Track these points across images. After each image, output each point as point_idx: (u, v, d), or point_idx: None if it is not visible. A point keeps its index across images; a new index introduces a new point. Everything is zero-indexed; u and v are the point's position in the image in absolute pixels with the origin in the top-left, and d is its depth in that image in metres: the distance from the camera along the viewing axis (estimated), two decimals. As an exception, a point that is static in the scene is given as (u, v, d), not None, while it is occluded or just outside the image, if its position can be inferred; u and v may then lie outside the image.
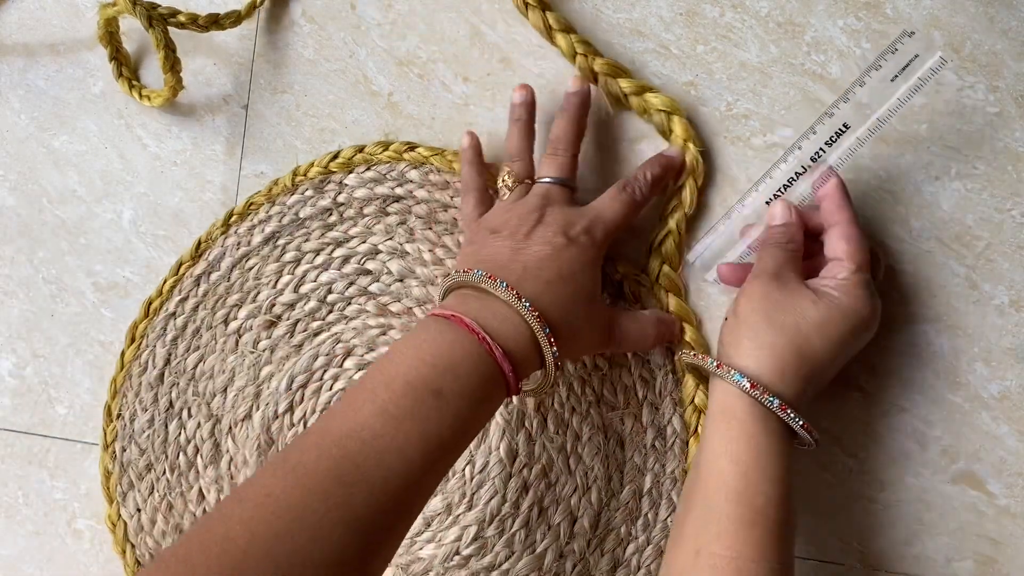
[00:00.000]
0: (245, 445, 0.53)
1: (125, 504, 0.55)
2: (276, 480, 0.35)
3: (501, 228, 0.45)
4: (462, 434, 0.39)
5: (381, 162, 0.53)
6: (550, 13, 0.50)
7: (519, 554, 0.49)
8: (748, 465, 0.40)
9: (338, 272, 0.53)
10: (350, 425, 0.36)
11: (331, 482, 0.34)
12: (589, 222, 0.45)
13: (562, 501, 0.49)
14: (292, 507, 0.34)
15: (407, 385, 0.37)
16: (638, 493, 0.49)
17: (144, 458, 0.54)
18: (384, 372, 0.38)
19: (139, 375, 0.55)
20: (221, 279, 0.55)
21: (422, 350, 0.39)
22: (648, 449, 0.49)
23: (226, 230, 0.55)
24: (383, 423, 0.36)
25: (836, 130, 0.46)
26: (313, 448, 0.36)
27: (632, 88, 0.49)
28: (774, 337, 0.42)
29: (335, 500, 0.34)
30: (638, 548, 0.49)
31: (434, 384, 0.38)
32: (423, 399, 0.37)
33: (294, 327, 0.53)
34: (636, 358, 0.50)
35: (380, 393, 0.37)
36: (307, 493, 0.34)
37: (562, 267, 0.43)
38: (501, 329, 0.40)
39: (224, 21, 0.53)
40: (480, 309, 0.41)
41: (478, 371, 0.39)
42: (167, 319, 0.55)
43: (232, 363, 0.54)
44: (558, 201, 0.46)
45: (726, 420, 0.41)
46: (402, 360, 0.39)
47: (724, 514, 0.39)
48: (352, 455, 0.35)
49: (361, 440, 0.36)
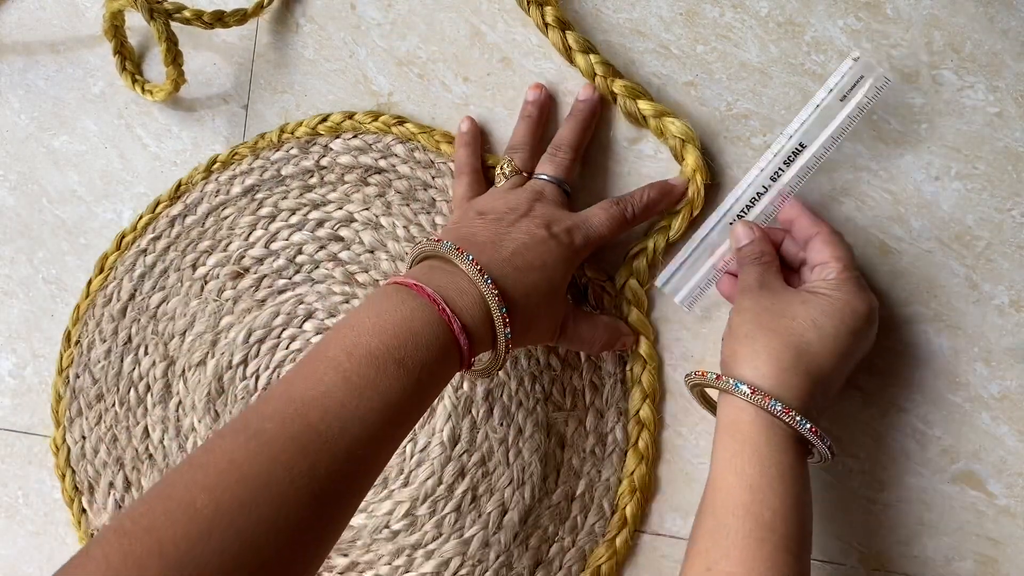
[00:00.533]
0: (195, 390, 0.54)
1: (71, 430, 0.55)
2: (238, 447, 0.34)
3: (488, 212, 0.45)
4: (420, 403, 0.39)
5: (369, 132, 0.54)
6: (570, 33, 0.50)
7: (447, 536, 0.50)
8: (754, 479, 0.39)
9: (311, 234, 0.54)
10: (312, 393, 0.36)
11: (294, 451, 0.34)
12: (573, 224, 0.45)
13: (496, 491, 0.50)
14: (257, 475, 0.33)
15: (369, 354, 0.37)
16: (570, 496, 0.50)
17: (96, 388, 0.55)
18: (346, 339, 0.38)
19: (103, 306, 0.56)
20: (195, 224, 0.55)
21: (383, 319, 0.38)
22: (587, 454, 0.50)
23: (207, 176, 0.55)
24: (346, 392, 0.36)
25: (793, 149, 0.47)
26: (276, 415, 0.35)
27: (652, 111, 0.49)
28: (768, 341, 0.42)
29: (299, 470, 0.34)
30: (562, 549, 0.50)
31: (397, 354, 0.38)
32: (385, 368, 0.37)
33: (260, 281, 0.54)
34: (589, 363, 0.50)
35: (343, 361, 0.37)
36: (271, 462, 0.34)
37: (534, 257, 0.43)
38: (460, 302, 0.40)
39: (229, 19, 0.53)
40: (443, 281, 0.41)
41: (438, 341, 0.39)
42: (138, 255, 0.55)
43: (194, 308, 0.54)
44: (550, 199, 0.47)
45: (731, 435, 0.41)
46: (364, 328, 0.38)
47: (733, 530, 0.38)
48: (315, 424, 0.35)
49: (324, 409, 0.36)
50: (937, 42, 0.49)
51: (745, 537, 0.38)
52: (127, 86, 0.55)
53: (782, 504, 0.39)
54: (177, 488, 0.33)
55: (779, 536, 0.38)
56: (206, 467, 0.34)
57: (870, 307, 0.43)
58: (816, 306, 0.42)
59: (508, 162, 0.49)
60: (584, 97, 0.50)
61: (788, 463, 0.40)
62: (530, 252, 0.43)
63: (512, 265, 0.42)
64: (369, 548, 0.51)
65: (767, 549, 0.38)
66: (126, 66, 0.55)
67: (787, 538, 0.38)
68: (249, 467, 0.33)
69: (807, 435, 0.40)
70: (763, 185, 0.48)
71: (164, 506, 0.32)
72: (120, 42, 0.55)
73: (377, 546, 0.51)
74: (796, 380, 0.41)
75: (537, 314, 0.43)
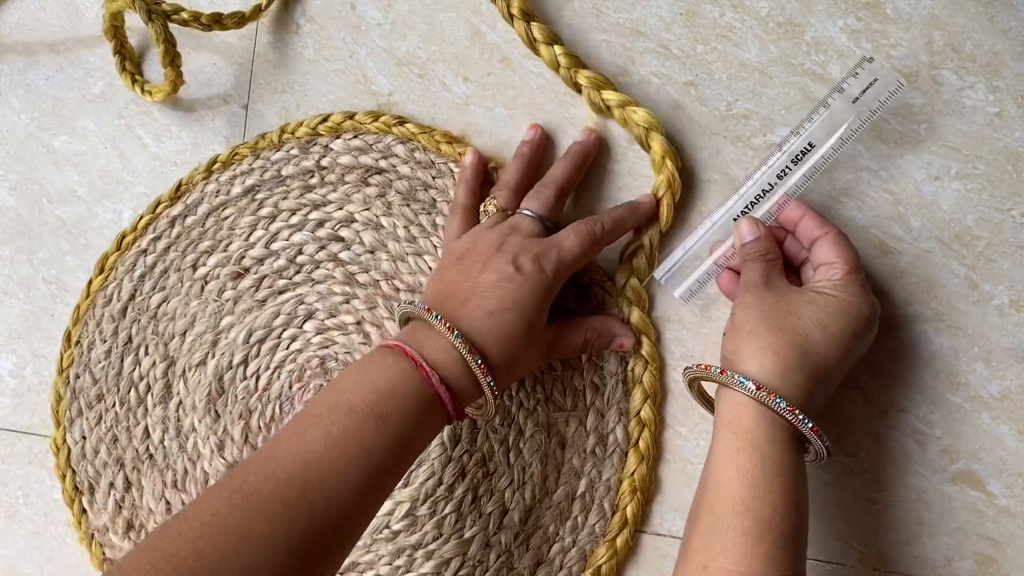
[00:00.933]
0: (196, 391, 0.54)
1: (71, 430, 0.55)
2: (222, 501, 0.36)
3: (465, 255, 0.46)
4: (402, 457, 0.40)
5: (369, 132, 0.54)
6: (535, 24, 0.50)
7: (447, 537, 0.50)
8: (754, 476, 0.39)
9: (311, 235, 0.54)
10: (295, 448, 0.38)
11: (275, 503, 0.36)
12: (542, 250, 0.45)
13: (496, 492, 0.50)
14: (238, 526, 0.35)
15: (350, 410, 0.39)
16: (571, 496, 0.50)
17: (96, 388, 0.55)
18: (329, 397, 0.40)
19: (103, 306, 0.56)
20: (196, 224, 0.55)
21: (364, 376, 0.40)
22: (587, 454, 0.50)
23: (208, 176, 0.55)
24: (325, 445, 0.38)
25: (802, 148, 0.47)
26: (259, 470, 0.37)
27: (616, 101, 0.49)
28: (774, 338, 0.42)
29: (279, 522, 0.35)
30: (563, 549, 0.50)
31: (377, 408, 0.39)
32: (365, 422, 0.39)
33: (260, 282, 0.54)
34: (590, 363, 0.51)
35: (324, 416, 0.39)
36: (252, 514, 0.35)
37: (505, 297, 0.43)
38: (439, 358, 0.41)
39: (227, 21, 0.53)
40: (424, 340, 0.42)
41: (417, 396, 0.40)
42: (138, 255, 0.55)
43: (194, 308, 0.54)
44: (524, 231, 0.46)
45: (732, 431, 0.41)
46: (346, 386, 0.40)
47: (731, 527, 0.38)
48: (295, 477, 0.37)
49: (304, 463, 0.37)
50: (937, 42, 0.49)
51: (743, 534, 0.38)
52: (127, 86, 0.55)
53: (781, 501, 0.39)
54: (163, 540, 0.35)
55: (777, 533, 0.38)
56: (191, 519, 0.35)
57: (873, 310, 0.44)
58: (822, 306, 0.42)
59: (491, 200, 0.49)
60: (581, 139, 0.50)
61: (789, 461, 0.40)
62: (499, 293, 0.43)
63: (484, 311, 0.43)
64: (369, 548, 0.51)
65: (765, 546, 0.38)
66: (126, 66, 0.55)
67: (785, 535, 0.38)
68: (230, 519, 0.35)
69: (807, 433, 0.40)
70: (768, 183, 0.47)
71: (150, 556, 0.34)
72: (120, 42, 0.55)
73: (377, 546, 0.51)
74: (800, 379, 0.41)
75: (517, 352, 0.44)
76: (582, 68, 0.50)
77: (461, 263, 0.45)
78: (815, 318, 0.42)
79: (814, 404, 0.42)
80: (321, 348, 0.53)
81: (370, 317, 0.53)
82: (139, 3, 0.50)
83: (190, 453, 0.54)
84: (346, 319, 0.53)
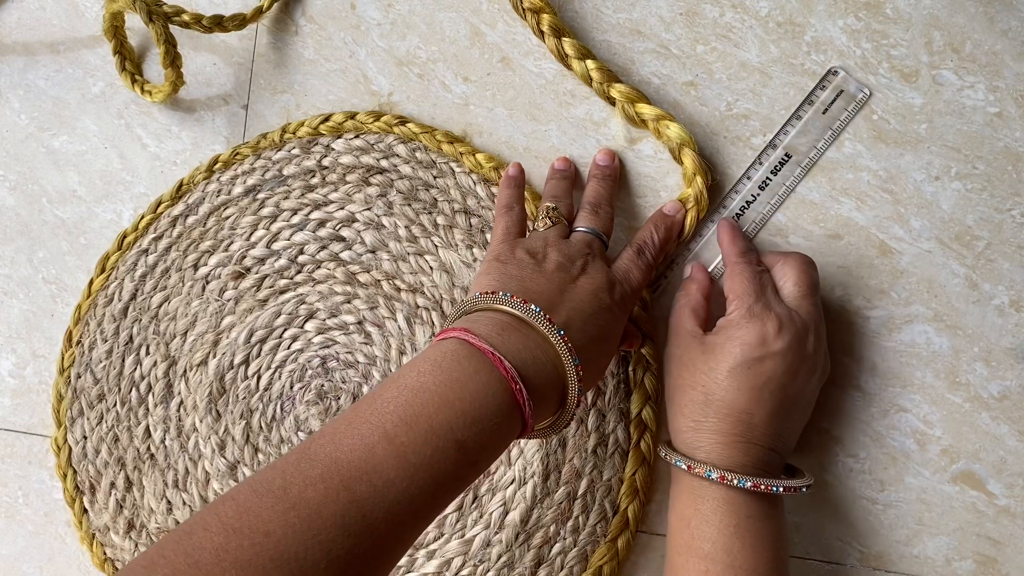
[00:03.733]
0: (197, 390, 0.54)
1: (72, 430, 0.55)
2: (275, 517, 0.31)
3: (542, 257, 0.44)
4: (470, 480, 0.37)
5: (370, 132, 0.54)
6: (567, 40, 0.50)
7: (448, 536, 0.50)
8: (691, 516, 0.42)
9: (312, 234, 0.54)
10: (361, 466, 0.33)
11: (336, 530, 0.31)
12: (625, 288, 0.45)
13: (497, 491, 0.50)
14: (294, 556, 0.30)
15: (429, 431, 0.34)
16: (572, 496, 0.50)
17: (97, 387, 0.55)
18: (405, 405, 0.35)
19: (104, 306, 0.55)
20: (197, 223, 0.55)
21: (452, 391, 0.35)
22: (589, 455, 0.50)
23: (209, 176, 0.55)
24: (398, 470, 0.33)
25: (780, 159, 0.49)
26: (319, 483, 0.32)
27: (651, 115, 0.49)
28: (703, 415, 0.43)
29: (338, 552, 0.31)
30: (564, 549, 0.50)
31: (459, 434, 0.35)
32: (444, 450, 0.34)
33: (261, 281, 0.54)
34: None
35: (399, 434, 0.34)
36: (310, 541, 0.31)
37: (604, 326, 0.42)
38: (532, 371, 0.37)
39: (228, 23, 0.53)
40: (518, 346, 0.38)
41: (504, 421, 0.36)
42: (139, 255, 0.55)
43: (196, 308, 0.54)
44: (599, 255, 0.46)
45: (672, 483, 0.44)
46: (428, 398, 0.35)
47: (678, 567, 0.41)
48: (361, 502, 0.32)
49: (372, 486, 0.33)
50: (937, 42, 0.49)
51: (690, 572, 0.41)
52: (127, 86, 0.55)
53: (721, 535, 0.41)
54: (209, 564, 0.30)
55: (722, 566, 0.40)
56: (240, 533, 0.30)
57: (761, 331, 0.43)
58: (712, 356, 0.43)
59: (553, 208, 0.48)
60: (604, 163, 0.50)
61: (723, 497, 0.41)
62: (599, 320, 0.42)
63: (588, 336, 0.40)
64: (370, 548, 0.51)
65: None
66: (126, 66, 0.55)
67: (730, 567, 0.40)
68: (286, 546, 0.30)
69: (783, 493, 0.42)
70: (752, 194, 0.50)
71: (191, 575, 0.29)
72: (120, 42, 0.55)
73: None
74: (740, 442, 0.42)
75: (593, 380, 0.43)
76: (616, 82, 0.50)
77: (539, 265, 0.43)
78: (712, 371, 0.43)
79: (777, 446, 0.43)
80: (322, 348, 0.53)
81: (371, 317, 0.53)
82: (140, 4, 0.49)
83: (191, 453, 0.54)
84: (347, 319, 0.53)
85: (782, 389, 0.42)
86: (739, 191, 0.50)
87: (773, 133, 0.50)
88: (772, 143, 0.49)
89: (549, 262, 0.43)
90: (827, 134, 0.49)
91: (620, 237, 0.51)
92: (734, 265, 0.46)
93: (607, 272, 0.44)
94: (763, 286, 0.44)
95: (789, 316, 0.43)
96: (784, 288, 0.45)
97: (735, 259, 0.46)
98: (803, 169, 0.49)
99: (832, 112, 0.49)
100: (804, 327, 0.43)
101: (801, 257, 0.45)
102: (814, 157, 0.49)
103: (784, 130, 0.49)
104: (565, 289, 0.42)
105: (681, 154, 0.49)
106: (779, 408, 0.42)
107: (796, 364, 0.43)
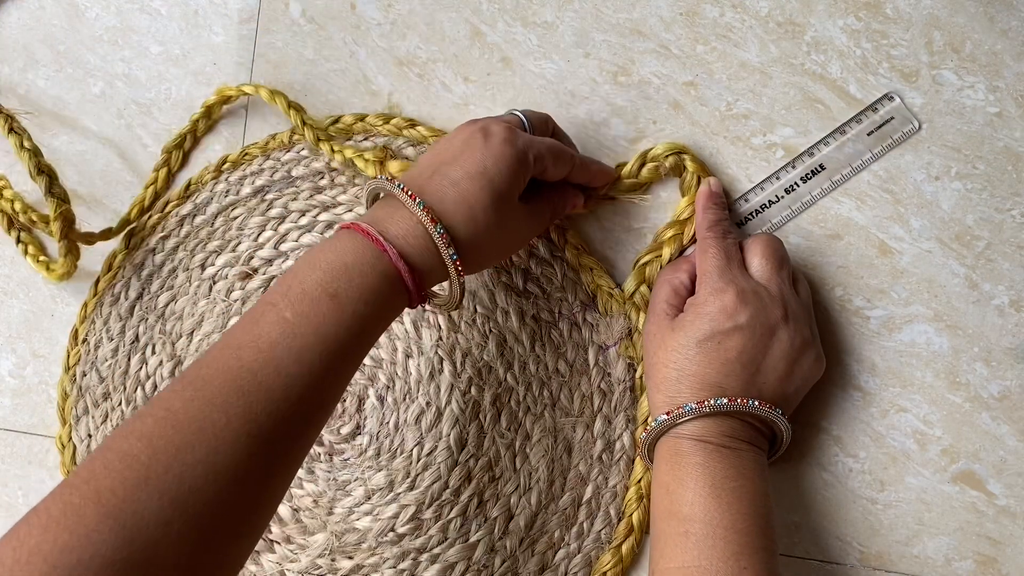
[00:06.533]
0: None
1: (77, 428, 0.55)
2: (175, 395, 0.35)
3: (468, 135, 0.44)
4: (360, 336, 0.39)
5: (380, 134, 0.53)
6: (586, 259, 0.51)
7: (452, 541, 0.50)
8: (669, 482, 0.43)
9: (320, 236, 0.53)
10: (250, 337, 0.36)
11: (230, 392, 0.34)
12: (516, 129, 0.44)
13: (502, 497, 0.50)
14: (192, 420, 0.34)
15: (303, 292, 0.37)
16: (577, 501, 0.50)
17: (103, 386, 0.55)
18: (283, 283, 0.38)
19: (110, 304, 0.55)
20: (205, 223, 0.55)
21: (318, 257, 0.39)
22: (594, 460, 0.50)
23: (217, 176, 0.55)
24: (280, 330, 0.36)
25: (812, 168, 0.49)
26: (213, 361, 0.36)
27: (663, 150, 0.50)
28: (676, 390, 0.44)
29: (235, 410, 0.34)
30: (568, 555, 0.50)
31: (330, 288, 0.37)
32: (318, 302, 0.37)
33: (269, 282, 0.54)
34: (598, 368, 0.50)
35: (277, 301, 0.37)
36: (206, 405, 0.34)
37: (470, 164, 0.42)
38: (400, 232, 0.40)
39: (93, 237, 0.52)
40: (385, 216, 0.40)
41: (375, 272, 0.38)
42: (146, 254, 0.55)
43: (202, 308, 0.54)
44: (507, 121, 0.45)
45: (654, 460, 0.45)
46: (300, 269, 0.38)
47: (661, 532, 0.42)
48: (249, 364, 0.35)
49: (259, 350, 0.36)
50: (937, 42, 0.49)
51: (672, 536, 0.42)
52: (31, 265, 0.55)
53: (698, 497, 0.42)
54: (116, 439, 0.33)
55: (701, 525, 0.41)
56: (144, 417, 0.34)
57: (721, 304, 0.43)
58: (681, 333, 0.44)
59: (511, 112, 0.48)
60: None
61: (698, 461, 0.42)
62: (466, 159, 0.42)
63: (449, 180, 0.41)
64: (374, 551, 0.51)
65: (692, 541, 0.41)
66: (28, 250, 0.55)
67: (709, 526, 0.41)
68: (184, 413, 0.34)
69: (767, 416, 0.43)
70: (776, 195, 0.50)
71: (103, 457, 0.33)
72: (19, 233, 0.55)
73: (382, 549, 0.50)
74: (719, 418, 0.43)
75: (485, 226, 0.42)
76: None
77: (449, 143, 0.44)
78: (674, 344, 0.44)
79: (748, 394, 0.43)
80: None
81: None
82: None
83: (135, 409, 0.54)
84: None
85: (753, 362, 0.43)
86: (764, 188, 0.50)
87: (774, 133, 0.50)
88: (810, 151, 0.49)
89: (460, 134, 0.44)
90: (866, 156, 0.49)
91: (620, 237, 0.51)
92: (702, 240, 0.47)
93: (495, 120, 0.44)
94: (729, 259, 0.45)
95: (754, 290, 0.44)
96: (752, 264, 0.46)
97: (704, 233, 0.47)
98: (833, 184, 0.49)
99: (878, 136, 0.49)
100: (771, 300, 0.44)
101: (767, 235, 0.47)
102: (847, 174, 0.49)
103: (825, 141, 0.49)
104: (442, 150, 0.43)
105: (684, 162, 0.50)
106: (751, 381, 0.43)
107: (765, 337, 0.43)
